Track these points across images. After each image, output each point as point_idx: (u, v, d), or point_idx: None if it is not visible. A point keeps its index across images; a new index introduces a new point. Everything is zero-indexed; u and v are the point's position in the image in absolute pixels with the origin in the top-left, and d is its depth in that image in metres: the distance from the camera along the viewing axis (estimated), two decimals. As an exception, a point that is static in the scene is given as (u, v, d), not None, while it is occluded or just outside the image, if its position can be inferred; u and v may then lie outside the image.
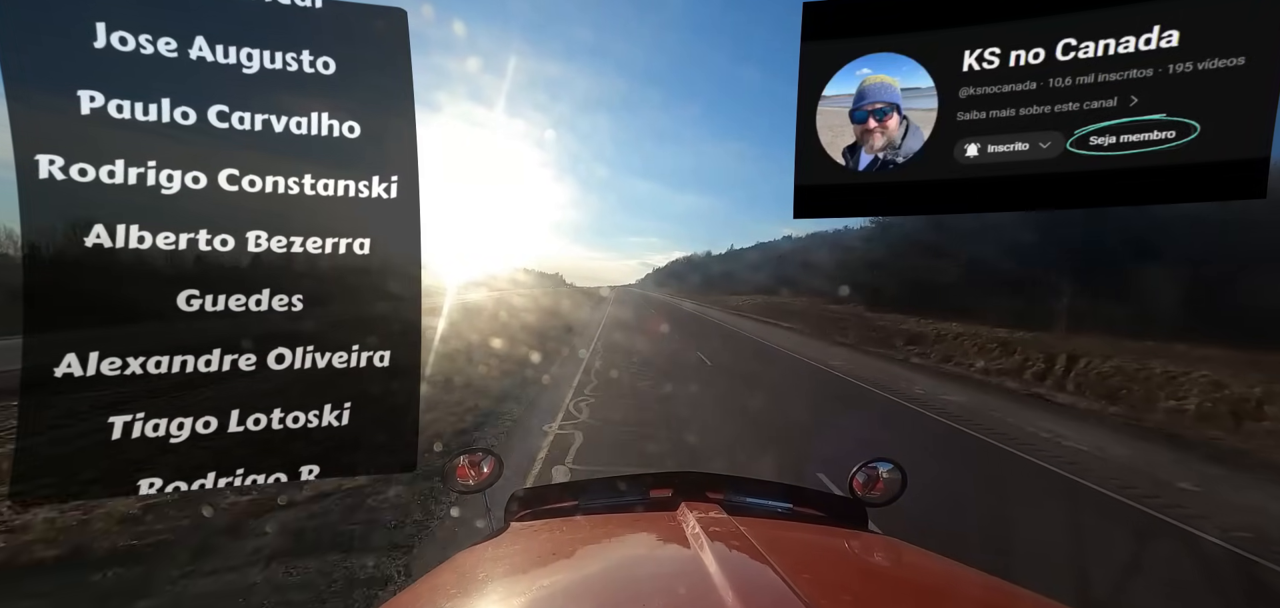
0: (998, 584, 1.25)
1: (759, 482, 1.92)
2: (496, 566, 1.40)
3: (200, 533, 4.78)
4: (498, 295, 38.90)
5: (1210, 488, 7.33)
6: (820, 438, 9.06)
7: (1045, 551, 5.21)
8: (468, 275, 48.60)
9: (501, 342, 16.83)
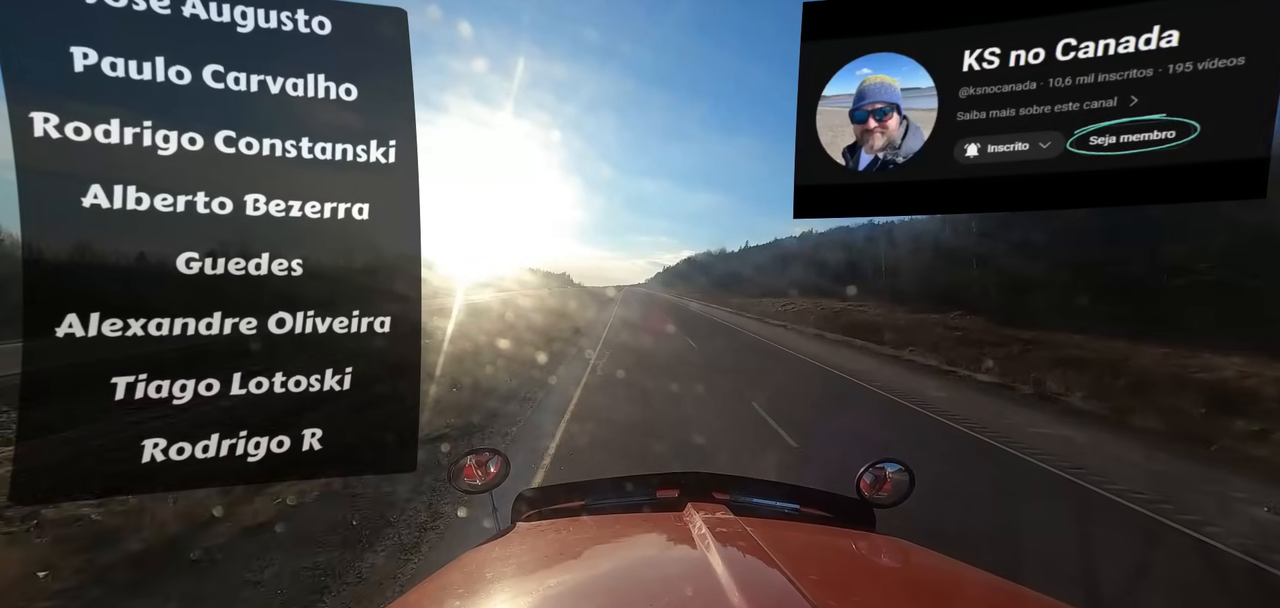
0: (1006, 586, 1.25)
1: (766, 483, 1.92)
2: (503, 566, 1.40)
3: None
4: (503, 297, 38.87)
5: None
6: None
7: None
8: (475, 276, 48.40)
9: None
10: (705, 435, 8.60)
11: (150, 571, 4.24)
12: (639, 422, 9.37)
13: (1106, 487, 6.81)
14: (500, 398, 10.77)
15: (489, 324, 20.38)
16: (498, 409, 10.08)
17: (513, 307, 30.12)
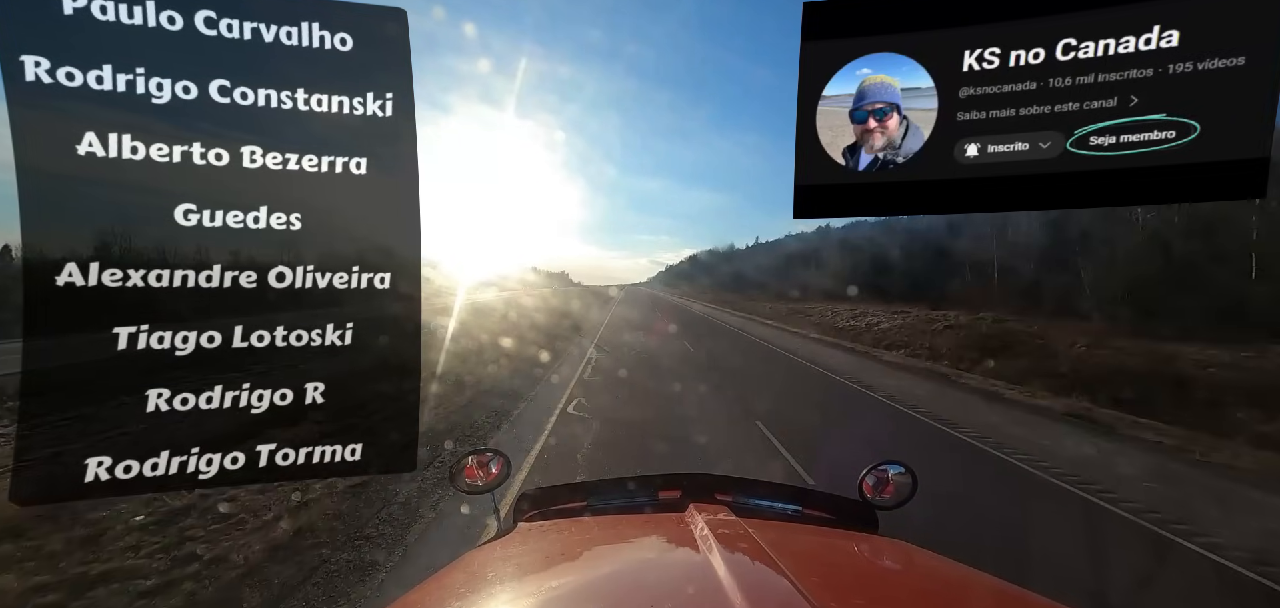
0: (1010, 589, 1.24)
1: (768, 484, 1.92)
2: (505, 566, 1.40)
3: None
4: (505, 296, 38.73)
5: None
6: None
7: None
8: (477, 275, 48.12)
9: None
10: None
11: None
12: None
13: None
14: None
15: (489, 323, 20.41)
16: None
17: (511, 306, 30.06)
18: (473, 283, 38.23)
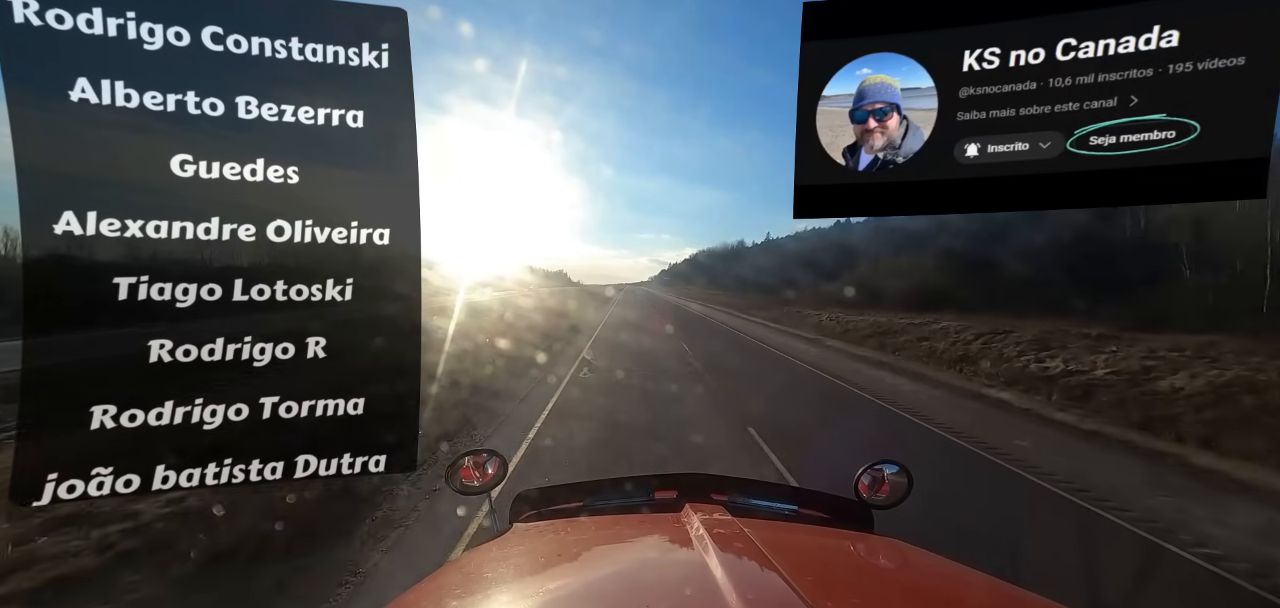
0: (1005, 589, 1.24)
1: (764, 484, 1.92)
2: (501, 567, 1.40)
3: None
4: (500, 296, 38.58)
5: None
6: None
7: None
8: (475, 275, 47.92)
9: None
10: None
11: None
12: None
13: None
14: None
15: (486, 323, 20.39)
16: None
17: (507, 306, 29.99)
18: (469, 283, 38.17)
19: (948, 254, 32.99)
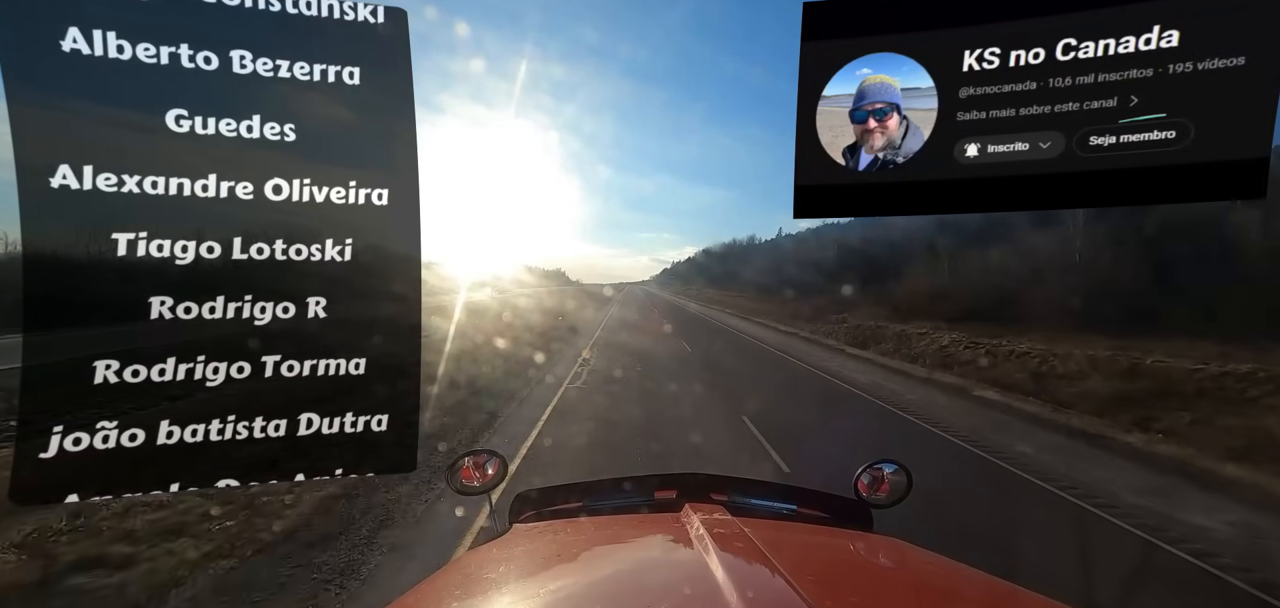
0: (1004, 587, 1.25)
1: (763, 483, 1.92)
2: (501, 567, 1.40)
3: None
4: (493, 297, 38.31)
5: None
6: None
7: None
8: (474, 275, 47.58)
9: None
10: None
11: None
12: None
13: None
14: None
15: (484, 323, 20.33)
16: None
17: (505, 306, 29.86)
18: (467, 283, 37.94)
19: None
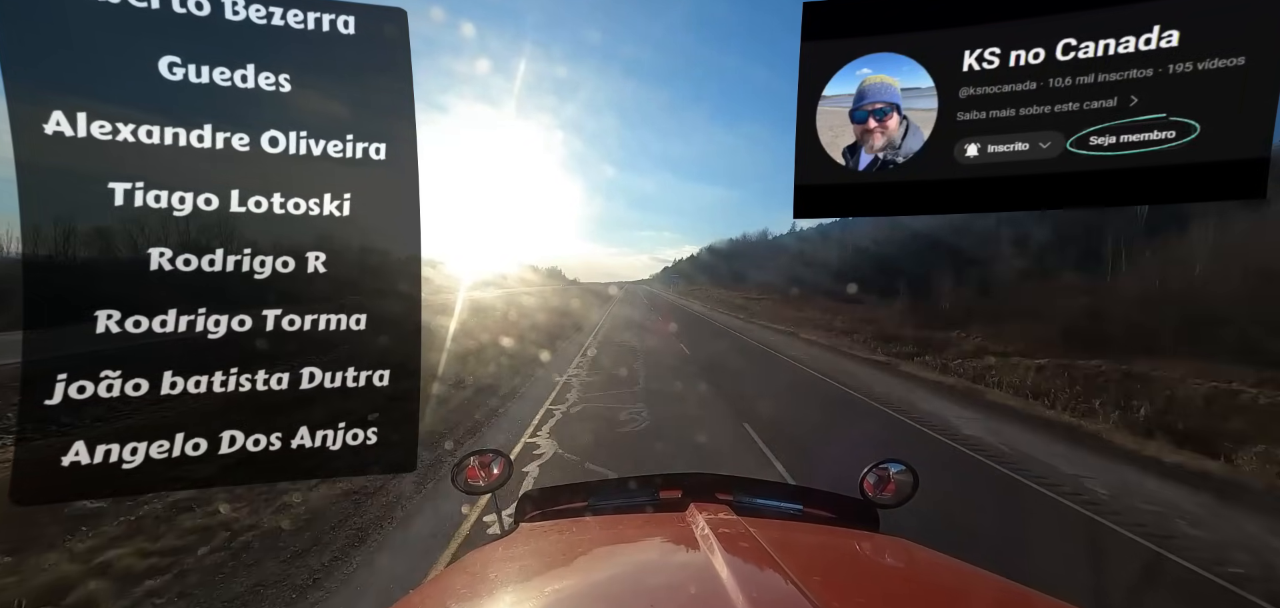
0: (1012, 588, 1.24)
1: (769, 483, 1.91)
2: (507, 567, 1.40)
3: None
4: (482, 297, 37.90)
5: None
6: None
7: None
8: (475, 274, 47.11)
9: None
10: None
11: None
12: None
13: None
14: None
15: (487, 322, 20.35)
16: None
17: (502, 306, 29.77)
18: (469, 282, 37.65)
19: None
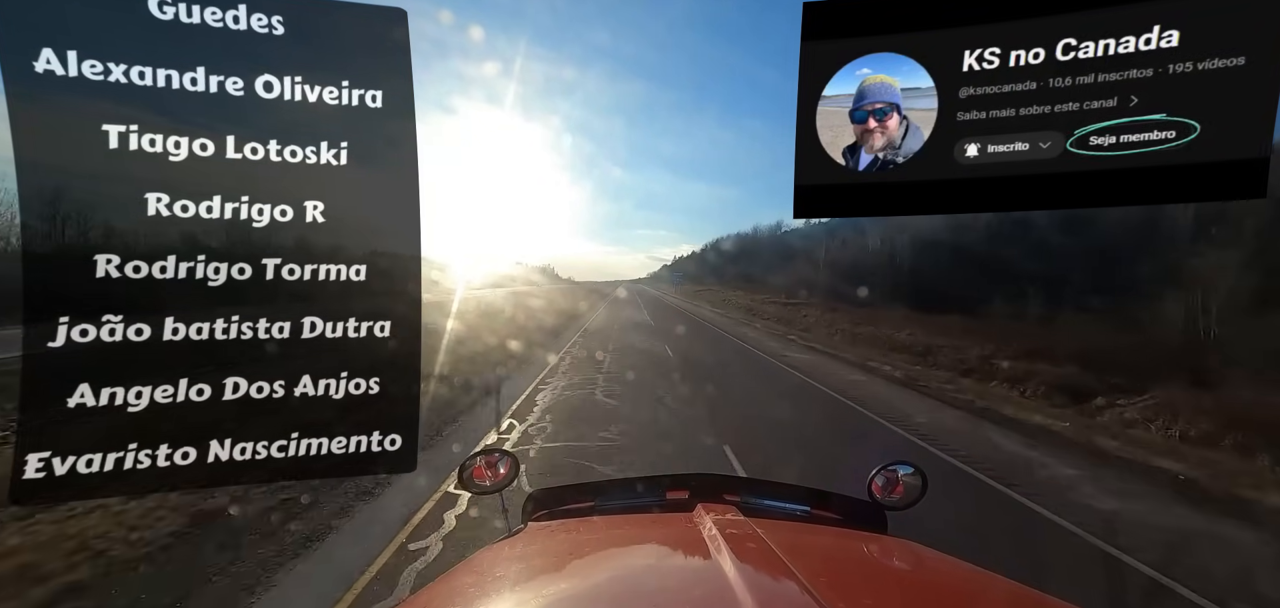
0: (1024, 591, 1.23)
1: (776, 484, 1.91)
2: (514, 567, 1.40)
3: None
4: (497, 294, 37.66)
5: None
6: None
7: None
8: (472, 273, 46.78)
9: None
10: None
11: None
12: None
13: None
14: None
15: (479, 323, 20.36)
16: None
17: (497, 305, 29.60)
18: (465, 281, 37.31)
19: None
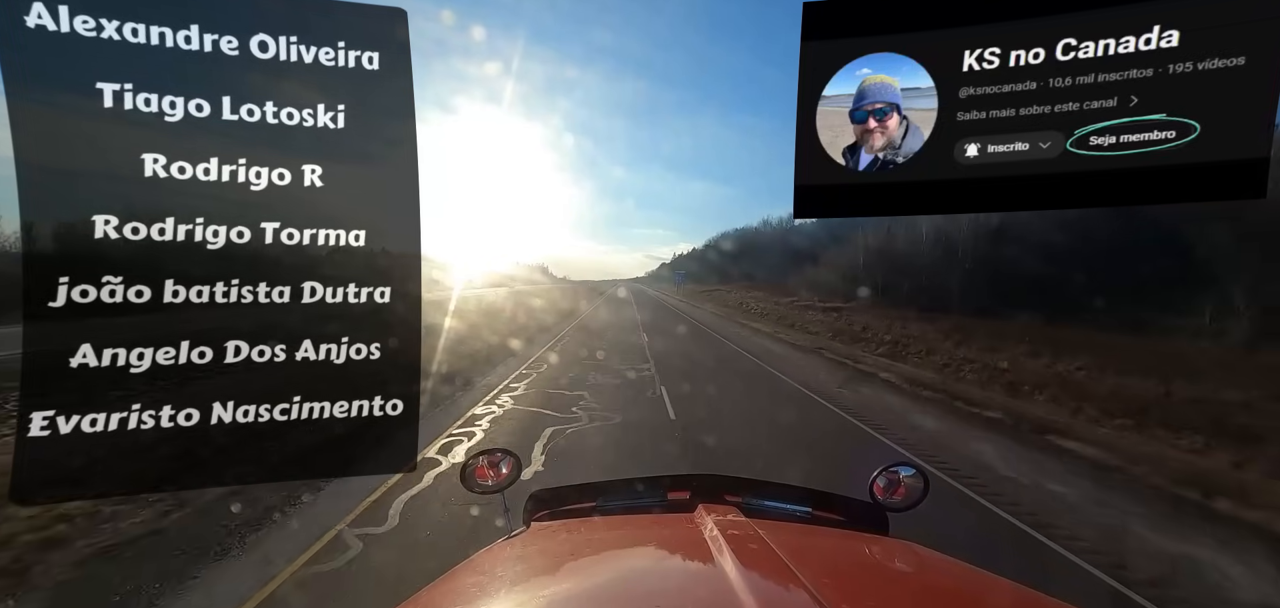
0: (1026, 593, 1.23)
1: (778, 485, 1.91)
2: (515, 567, 1.41)
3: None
4: (494, 293, 37.43)
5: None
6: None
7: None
8: (469, 273, 46.82)
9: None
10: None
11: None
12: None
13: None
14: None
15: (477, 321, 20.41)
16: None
17: (494, 304, 29.58)
18: (462, 280, 37.25)
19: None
